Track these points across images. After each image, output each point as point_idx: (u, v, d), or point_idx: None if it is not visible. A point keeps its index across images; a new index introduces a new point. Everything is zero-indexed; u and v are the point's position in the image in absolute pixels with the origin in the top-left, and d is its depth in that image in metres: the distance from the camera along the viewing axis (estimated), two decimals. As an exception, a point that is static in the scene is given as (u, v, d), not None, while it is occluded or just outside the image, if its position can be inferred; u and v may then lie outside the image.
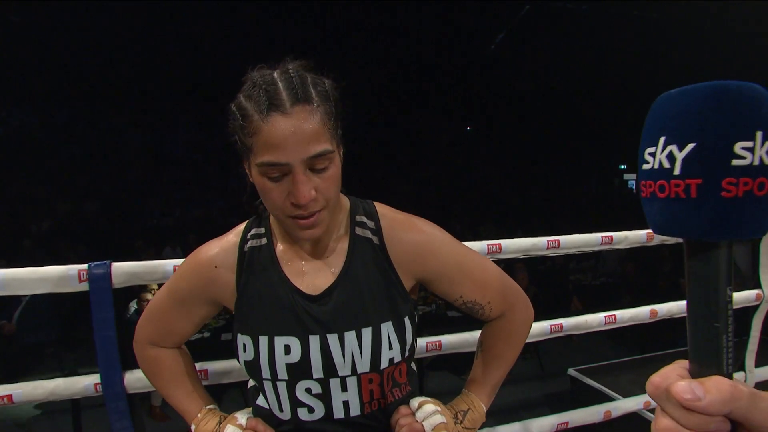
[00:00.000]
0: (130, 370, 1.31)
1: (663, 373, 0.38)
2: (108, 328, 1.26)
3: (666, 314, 1.80)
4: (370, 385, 0.88)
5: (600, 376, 3.13)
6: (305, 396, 0.87)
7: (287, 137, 0.72)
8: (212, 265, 0.90)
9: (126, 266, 1.29)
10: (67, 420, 3.29)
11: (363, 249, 0.88)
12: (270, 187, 0.76)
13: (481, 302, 0.95)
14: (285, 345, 0.85)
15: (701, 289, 0.37)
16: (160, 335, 0.99)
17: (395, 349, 0.87)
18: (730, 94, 0.34)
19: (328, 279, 0.87)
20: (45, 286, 1.24)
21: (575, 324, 1.69)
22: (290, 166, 0.74)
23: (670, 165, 0.36)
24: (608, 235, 1.67)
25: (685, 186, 0.35)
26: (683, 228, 0.36)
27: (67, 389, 1.29)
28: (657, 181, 0.37)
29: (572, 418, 1.72)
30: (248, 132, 0.75)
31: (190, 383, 1.02)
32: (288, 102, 0.73)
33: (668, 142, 0.36)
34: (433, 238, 0.91)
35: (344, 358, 0.84)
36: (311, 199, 0.75)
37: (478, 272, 0.93)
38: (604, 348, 4.79)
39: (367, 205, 0.93)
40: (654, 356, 3.42)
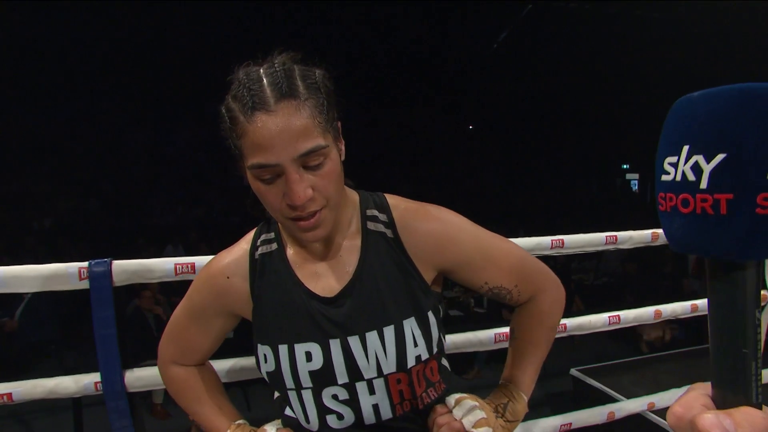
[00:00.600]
0: (131, 369, 1.31)
1: (685, 402, 0.34)
2: (108, 327, 1.25)
3: (670, 315, 1.79)
4: (398, 386, 0.84)
5: (602, 377, 3.11)
6: (332, 403, 0.83)
7: (273, 137, 0.68)
8: (224, 275, 0.88)
9: (127, 264, 1.28)
10: (68, 417, 3.29)
11: (377, 244, 0.84)
12: (264, 190, 0.73)
13: (507, 287, 0.90)
14: (306, 352, 0.81)
15: (727, 313, 0.34)
16: (181, 353, 0.98)
17: (421, 346, 0.83)
18: (761, 98, 0.30)
19: (343, 279, 0.83)
20: (45, 284, 1.23)
21: (579, 324, 1.68)
22: (281, 166, 0.70)
23: (695, 177, 0.32)
24: (613, 235, 1.66)
25: (713, 201, 0.32)
26: (709, 246, 0.33)
27: (66, 388, 1.29)
28: (680, 195, 0.34)
29: (575, 419, 1.71)
30: (237, 134, 0.72)
31: (216, 400, 0.99)
32: (272, 99, 0.69)
33: (693, 152, 0.33)
34: (450, 224, 0.87)
35: (368, 360, 0.81)
36: (307, 199, 0.72)
37: (501, 256, 0.89)
38: (606, 347, 4.77)
39: (377, 198, 0.89)
40: (656, 356, 3.41)
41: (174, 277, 1.31)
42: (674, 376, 2.74)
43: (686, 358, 3.30)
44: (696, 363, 3.07)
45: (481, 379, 4.55)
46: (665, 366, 3.24)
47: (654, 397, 1.88)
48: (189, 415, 1.00)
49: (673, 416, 0.34)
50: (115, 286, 1.27)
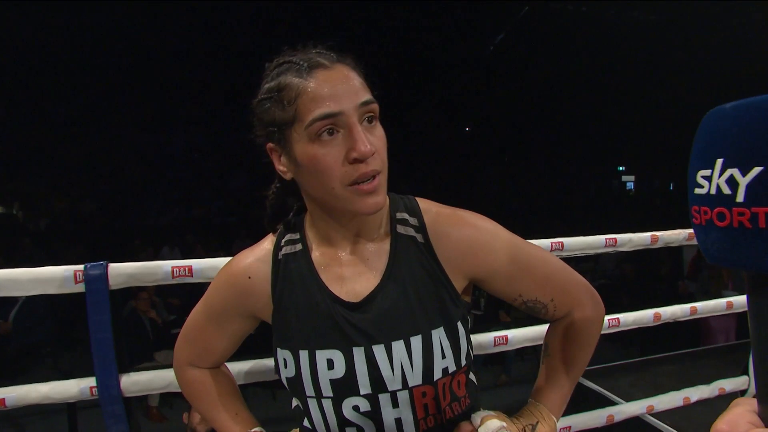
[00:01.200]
0: (127, 373, 1.29)
1: (730, 420, 0.33)
2: (104, 331, 1.24)
3: (670, 317, 1.79)
4: (423, 399, 0.79)
5: (600, 379, 3.11)
6: (353, 415, 0.79)
7: (336, 85, 0.70)
8: (245, 275, 0.84)
9: (123, 267, 1.27)
10: (62, 420, 3.26)
11: (407, 249, 0.81)
12: (323, 153, 0.70)
13: (543, 300, 0.86)
14: (327, 359, 0.78)
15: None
16: (198, 355, 0.94)
17: (448, 358, 0.79)
18: None
19: (370, 284, 0.79)
20: (40, 287, 1.22)
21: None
22: (344, 116, 0.69)
23: (731, 191, 0.32)
24: (612, 237, 1.66)
25: (751, 215, 0.31)
26: (748, 260, 0.33)
27: (61, 393, 1.27)
28: (715, 209, 0.33)
29: (574, 422, 1.70)
30: (289, 100, 0.71)
31: (234, 405, 0.96)
32: (327, 61, 0.72)
33: (728, 165, 0.32)
34: (484, 231, 0.83)
35: (393, 370, 0.77)
36: (372, 152, 0.70)
37: (538, 267, 0.85)
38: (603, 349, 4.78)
39: (408, 201, 0.85)
40: (653, 358, 3.41)
41: (171, 281, 1.29)
42: (672, 378, 2.74)
43: (684, 360, 3.30)
44: (694, 365, 3.07)
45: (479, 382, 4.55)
46: (663, 368, 3.23)
47: (653, 399, 1.87)
48: (206, 420, 0.99)
49: None
50: (111, 289, 1.25)
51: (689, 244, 1.76)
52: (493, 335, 1.56)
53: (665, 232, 1.72)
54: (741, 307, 1.90)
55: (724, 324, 4.14)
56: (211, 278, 1.32)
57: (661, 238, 1.72)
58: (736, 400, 0.35)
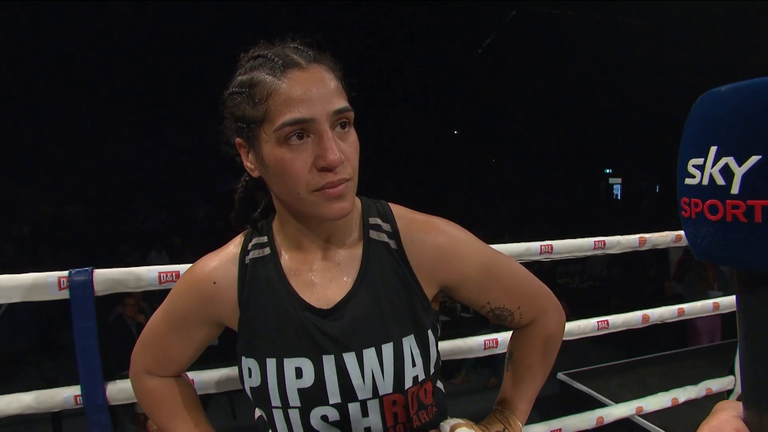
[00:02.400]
0: (113, 380, 1.27)
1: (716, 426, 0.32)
2: (89, 338, 1.21)
3: (658, 319, 1.80)
4: (393, 408, 0.78)
5: (589, 380, 3.13)
6: (321, 425, 0.77)
7: (310, 89, 0.66)
8: (210, 280, 0.81)
9: (109, 273, 1.24)
10: (47, 429, 3.21)
11: (379, 254, 0.79)
12: (291, 158, 0.67)
13: (510, 308, 0.87)
14: (296, 368, 0.75)
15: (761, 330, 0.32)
16: (158, 363, 0.90)
17: (419, 366, 0.78)
18: None
19: (342, 290, 0.77)
20: (23, 294, 1.19)
21: (568, 330, 1.67)
22: (315, 122, 0.66)
23: (725, 181, 0.30)
24: (601, 240, 1.67)
25: (746, 208, 0.29)
26: (740, 258, 0.30)
27: (44, 402, 1.24)
28: (707, 201, 0.31)
29: (565, 424, 1.71)
30: (260, 98, 0.67)
31: (193, 417, 0.92)
32: (303, 61, 0.68)
33: (722, 153, 0.30)
34: (458, 240, 0.82)
35: (364, 379, 0.75)
36: (341, 161, 0.68)
37: (506, 275, 0.85)
38: (592, 351, 4.81)
39: (381, 206, 0.84)
40: (642, 360, 3.44)
41: (158, 286, 1.27)
42: (660, 379, 2.77)
43: (671, 360, 3.34)
44: (681, 365, 3.11)
45: (469, 384, 4.56)
46: (651, 369, 3.26)
47: (642, 401, 1.88)
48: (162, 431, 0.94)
49: None
50: (96, 295, 1.23)
51: (676, 246, 1.78)
52: (483, 338, 1.55)
53: (653, 234, 1.74)
54: (727, 307, 1.92)
55: (709, 324, 4.19)
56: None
57: (649, 240, 1.74)
58: (719, 404, 0.35)
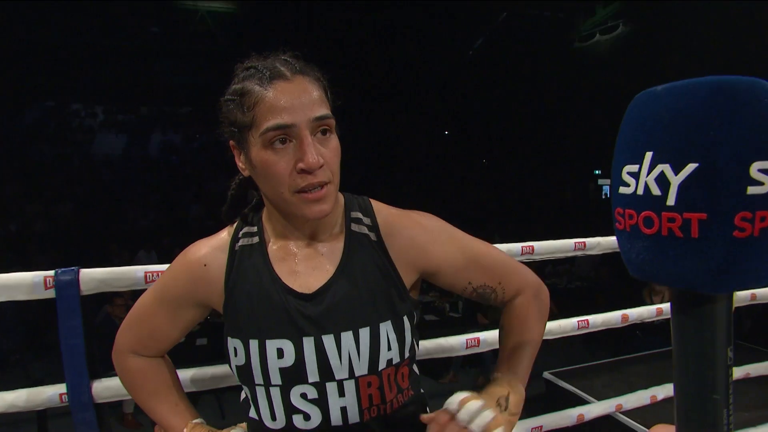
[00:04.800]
0: (99, 379, 1.28)
1: None
2: (75, 336, 1.22)
3: (637, 318, 1.84)
4: (369, 389, 0.83)
5: (574, 379, 3.17)
6: (300, 402, 0.83)
7: (293, 98, 0.74)
8: (201, 263, 0.88)
9: (95, 273, 1.25)
10: (32, 429, 3.18)
11: (360, 246, 0.86)
12: (274, 160, 0.75)
13: (491, 285, 0.92)
14: (277, 348, 0.81)
15: (695, 353, 0.29)
16: (142, 342, 0.95)
17: (394, 350, 0.83)
18: (741, 95, 0.24)
19: (324, 277, 0.84)
20: (8, 294, 1.20)
21: (549, 329, 1.71)
22: (297, 128, 0.73)
23: (661, 191, 0.27)
24: (581, 241, 1.70)
25: (683, 222, 0.26)
26: (676, 276, 0.27)
27: (29, 401, 1.25)
28: (641, 212, 0.28)
29: (546, 421, 1.74)
30: (248, 106, 0.75)
31: (174, 396, 0.97)
32: (289, 72, 0.76)
33: (658, 160, 0.27)
34: (432, 228, 0.90)
35: (341, 359, 0.81)
36: (320, 165, 0.74)
37: (482, 255, 0.91)
38: (579, 350, 4.86)
39: (362, 201, 0.91)
40: (626, 359, 3.48)
41: (144, 286, 1.28)
42: (644, 378, 2.81)
43: (656, 359, 3.39)
44: (666, 364, 3.15)
45: (457, 383, 4.58)
46: (635, 368, 3.31)
47: (621, 399, 1.93)
48: (143, 410, 0.97)
49: None
50: (82, 294, 1.24)
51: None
52: (465, 338, 1.58)
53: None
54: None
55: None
56: (185, 283, 1.32)
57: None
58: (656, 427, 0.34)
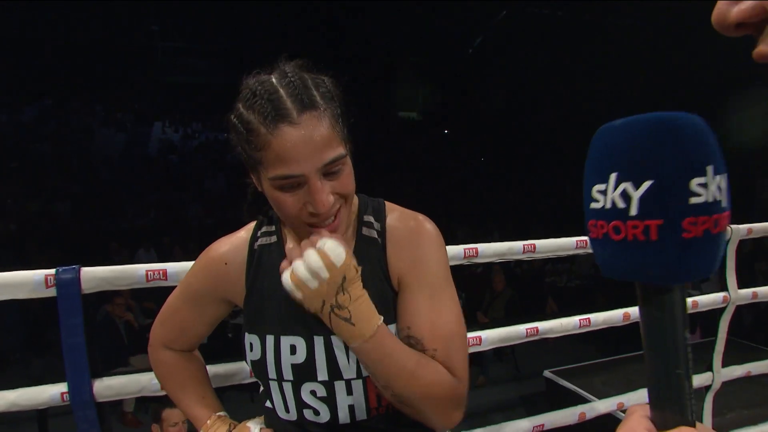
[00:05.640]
0: (100, 378, 1.27)
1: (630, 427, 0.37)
2: (76, 335, 1.22)
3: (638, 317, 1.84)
4: (376, 389, 0.84)
5: (575, 378, 3.18)
6: (310, 398, 0.85)
7: (299, 149, 0.71)
8: (222, 261, 0.90)
9: (96, 271, 1.25)
10: (33, 428, 3.18)
11: (368, 250, 0.87)
12: (284, 199, 0.75)
13: (426, 346, 0.82)
14: (291, 345, 0.84)
15: (659, 336, 0.36)
16: (173, 337, 0.98)
17: None
18: (680, 128, 0.32)
19: None
20: (10, 293, 1.20)
21: (550, 327, 1.71)
22: (305, 177, 0.72)
23: (625, 204, 0.33)
24: (583, 239, 1.70)
25: (644, 228, 0.33)
26: (640, 272, 0.35)
27: (30, 399, 1.24)
28: (611, 222, 0.35)
29: (547, 420, 1.74)
30: (255, 146, 0.73)
31: (201, 389, 1.00)
32: (294, 111, 0.71)
33: (621, 179, 0.33)
34: (430, 256, 0.86)
35: (348, 360, 0.82)
36: (330, 206, 0.75)
37: (444, 313, 0.83)
38: (579, 349, 4.87)
39: (376, 204, 0.91)
40: (626, 357, 3.49)
41: (145, 284, 1.28)
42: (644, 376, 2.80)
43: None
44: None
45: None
46: (635, 366, 3.32)
47: (623, 397, 1.93)
48: (173, 401, 1.01)
49: None
50: (84, 293, 1.24)
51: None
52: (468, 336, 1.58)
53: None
54: (705, 306, 1.96)
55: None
56: (186, 282, 1.32)
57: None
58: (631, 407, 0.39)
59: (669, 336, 0.36)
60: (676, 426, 0.35)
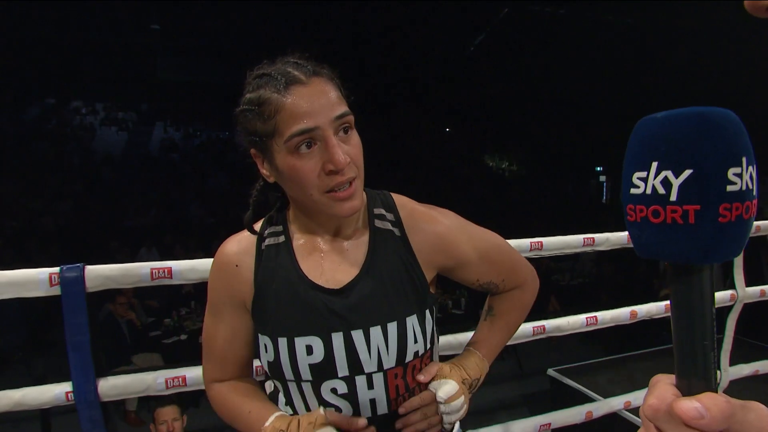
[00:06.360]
0: (104, 377, 1.27)
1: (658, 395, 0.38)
2: (81, 334, 1.21)
3: (645, 315, 1.83)
4: (396, 381, 0.86)
5: (578, 376, 3.17)
6: (331, 396, 0.84)
7: (313, 101, 0.74)
8: (233, 264, 0.89)
9: (101, 269, 1.24)
10: (36, 427, 3.18)
11: (385, 242, 0.88)
12: (301, 165, 0.75)
13: (496, 282, 0.98)
14: (306, 345, 0.82)
15: (689, 311, 0.38)
16: (217, 366, 0.95)
17: (419, 342, 0.86)
18: (720, 121, 0.35)
19: (351, 273, 0.85)
20: (14, 291, 1.19)
21: (557, 326, 1.70)
22: (321, 130, 0.74)
23: (665, 191, 0.36)
24: (590, 237, 1.69)
25: (682, 212, 0.35)
26: (675, 253, 0.37)
27: (35, 399, 1.23)
28: (650, 207, 0.37)
29: (554, 419, 1.73)
30: (268, 114, 0.75)
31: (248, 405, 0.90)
32: (304, 76, 0.76)
33: (662, 168, 0.36)
34: (453, 227, 0.92)
35: (370, 354, 0.83)
36: (347, 163, 0.75)
37: (494, 254, 0.96)
38: (582, 347, 4.85)
39: (384, 197, 0.93)
40: (630, 356, 3.48)
41: (150, 282, 1.27)
42: (647, 374, 2.77)
43: (658, 356, 3.38)
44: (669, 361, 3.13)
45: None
46: (639, 364, 3.31)
47: (630, 395, 1.92)
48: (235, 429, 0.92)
49: (650, 408, 0.37)
50: (88, 291, 1.23)
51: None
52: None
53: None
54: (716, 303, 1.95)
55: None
56: (190, 279, 1.31)
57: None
58: (656, 376, 0.41)
59: (698, 311, 0.38)
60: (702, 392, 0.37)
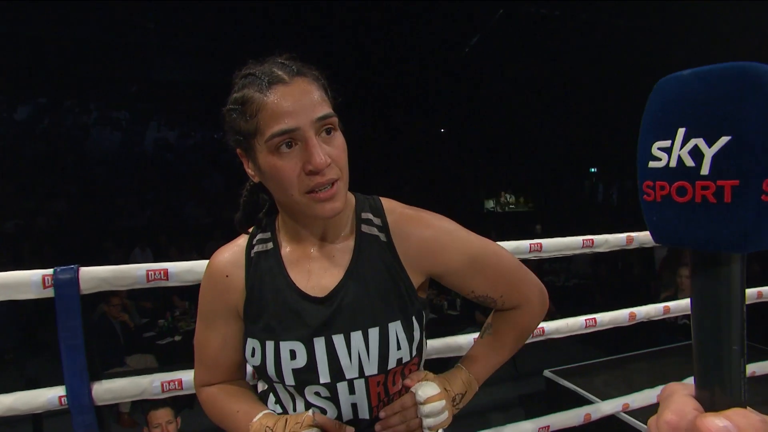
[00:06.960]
0: (99, 380, 1.24)
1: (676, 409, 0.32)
2: (75, 337, 1.19)
3: (644, 317, 1.83)
4: (377, 388, 0.86)
5: (575, 378, 3.16)
6: (315, 398, 0.86)
7: (293, 101, 0.74)
8: (224, 274, 0.90)
9: (95, 271, 1.22)
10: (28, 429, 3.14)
11: (370, 247, 0.87)
12: (281, 165, 0.75)
13: (493, 296, 0.94)
14: (290, 350, 0.83)
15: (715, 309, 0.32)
16: (207, 370, 0.96)
17: (404, 349, 0.85)
18: (763, 77, 0.28)
19: (335, 279, 0.85)
20: (6, 293, 1.16)
21: (556, 327, 1.69)
22: (301, 131, 0.73)
23: (695, 163, 0.30)
24: (589, 239, 1.68)
25: (716, 189, 0.29)
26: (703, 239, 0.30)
27: (27, 404, 1.21)
28: (674, 183, 0.31)
29: (552, 421, 1.72)
30: (251, 114, 0.75)
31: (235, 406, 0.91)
32: (287, 76, 0.75)
33: (691, 135, 0.30)
34: (443, 232, 0.89)
35: (351, 359, 0.83)
36: (326, 164, 0.74)
37: (491, 266, 0.92)
38: (577, 348, 4.86)
39: (373, 201, 0.92)
40: (627, 357, 3.48)
41: (146, 284, 1.25)
42: (645, 376, 2.80)
43: (656, 357, 3.38)
44: (666, 362, 3.14)
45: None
46: (636, 366, 3.31)
47: (628, 398, 1.91)
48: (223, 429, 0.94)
49: (667, 425, 0.32)
50: (82, 293, 1.21)
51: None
52: (472, 336, 1.56)
53: (640, 233, 1.76)
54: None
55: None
56: (187, 281, 1.29)
57: (636, 239, 1.76)
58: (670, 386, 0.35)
59: (725, 310, 0.31)
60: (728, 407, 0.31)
